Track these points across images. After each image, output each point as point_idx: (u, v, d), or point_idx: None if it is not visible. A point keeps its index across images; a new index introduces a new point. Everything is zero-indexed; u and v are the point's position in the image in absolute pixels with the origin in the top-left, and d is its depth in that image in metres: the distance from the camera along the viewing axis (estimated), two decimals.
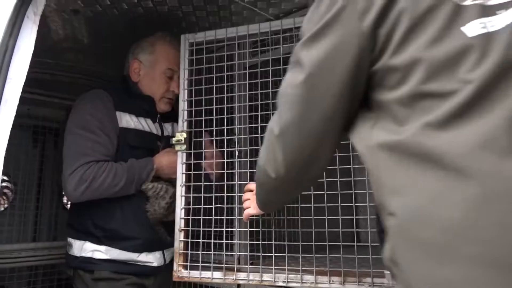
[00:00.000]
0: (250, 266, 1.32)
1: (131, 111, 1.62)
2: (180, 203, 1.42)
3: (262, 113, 1.41)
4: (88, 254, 1.54)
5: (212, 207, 1.38)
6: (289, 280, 1.28)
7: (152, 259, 1.58)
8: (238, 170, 1.41)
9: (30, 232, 2.39)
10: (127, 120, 1.60)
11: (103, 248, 1.53)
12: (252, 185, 1.29)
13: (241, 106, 1.49)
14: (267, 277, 1.30)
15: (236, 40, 1.45)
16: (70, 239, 1.62)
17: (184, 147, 1.43)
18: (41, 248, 2.27)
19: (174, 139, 1.43)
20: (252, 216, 1.28)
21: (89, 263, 1.54)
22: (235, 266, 1.34)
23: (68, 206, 2.64)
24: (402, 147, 0.67)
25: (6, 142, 1.08)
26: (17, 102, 1.10)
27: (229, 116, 1.44)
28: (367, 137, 0.75)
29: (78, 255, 1.56)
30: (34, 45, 1.16)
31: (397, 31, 0.69)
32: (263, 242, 1.32)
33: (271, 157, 0.86)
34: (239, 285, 1.60)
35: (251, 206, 1.25)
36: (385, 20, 0.69)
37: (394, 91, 0.71)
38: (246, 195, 1.30)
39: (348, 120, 0.81)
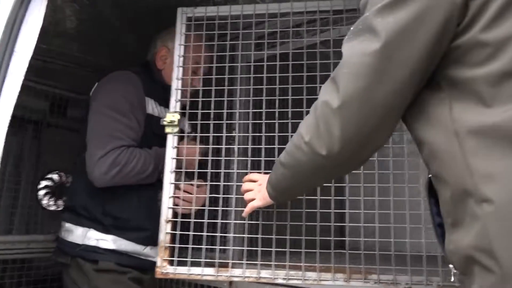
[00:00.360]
0: (247, 262, 1.20)
1: (155, 98, 1.55)
2: (168, 191, 1.29)
3: (265, 98, 1.29)
4: (92, 243, 1.44)
5: (206, 197, 1.26)
6: (289, 277, 1.17)
7: (155, 253, 1.46)
8: (237, 158, 1.30)
9: (6, 225, 2.24)
10: (153, 107, 1.54)
11: (110, 237, 1.45)
12: (255, 176, 1.18)
13: (242, 89, 1.38)
14: (265, 273, 1.18)
15: (241, 18, 1.34)
16: (69, 225, 1.51)
17: (176, 129, 1.31)
18: (18, 241, 2.12)
19: (165, 120, 1.31)
20: (258, 208, 1.16)
21: (93, 252, 1.44)
22: (229, 261, 1.22)
23: (44, 202, 2.49)
24: (499, 131, 0.64)
25: (10, 115, 1.05)
26: (23, 77, 1.06)
27: (229, 99, 1.32)
28: (446, 120, 0.71)
29: (80, 243, 1.46)
30: None
31: (492, 4, 0.66)
32: (262, 236, 1.20)
33: (324, 132, 0.78)
34: (231, 283, 1.49)
35: (256, 198, 1.13)
36: None
37: (480, 68, 0.67)
38: (247, 186, 1.18)
39: (412, 97, 0.76)
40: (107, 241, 1.44)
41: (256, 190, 1.14)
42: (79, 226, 1.48)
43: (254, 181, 1.17)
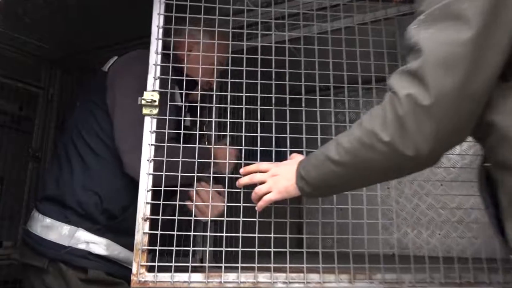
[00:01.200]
0: (242, 265, 1.04)
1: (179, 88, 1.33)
2: (146, 183, 1.08)
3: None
4: (81, 246, 1.21)
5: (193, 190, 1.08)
6: (290, 280, 1.05)
7: None
8: (229, 147, 1.14)
9: None
10: (178, 97, 1.33)
11: (103, 241, 1.22)
12: (264, 165, 1.04)
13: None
14: (263, 277, 1.04)
15: (231, 4, 1.21)
16: (51, 220, 1.22)
17: (155, 111, 1.11)
18: None
19: (144, 98, 1.09)
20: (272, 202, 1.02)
21: (82, 257, 1.20)
22: (222, 265, 1.05)
23: None
24: None
25: None
26: None
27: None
28: None
29: (66, 244, 1.19)
30: None
31: None
32: (259, 235, 1.05)
33: (412, 131, 0.70)
34: None
35: (272, 191, 1.00)
36: None
37: None
38: (259, 177, 1.03)
39: None
40: (98, 245, 1.22)
41: (271, 182, 1.00)
42: (65, 224, 1.22)
43: (263, 172, 1.03)
